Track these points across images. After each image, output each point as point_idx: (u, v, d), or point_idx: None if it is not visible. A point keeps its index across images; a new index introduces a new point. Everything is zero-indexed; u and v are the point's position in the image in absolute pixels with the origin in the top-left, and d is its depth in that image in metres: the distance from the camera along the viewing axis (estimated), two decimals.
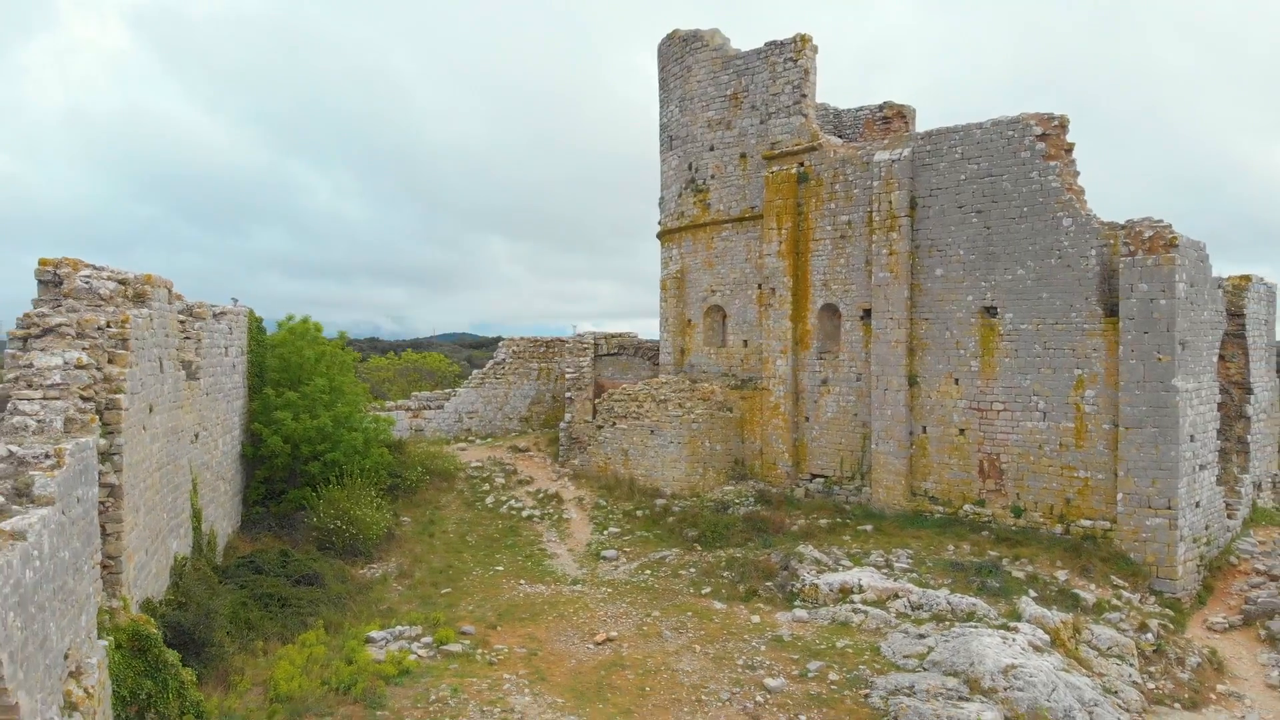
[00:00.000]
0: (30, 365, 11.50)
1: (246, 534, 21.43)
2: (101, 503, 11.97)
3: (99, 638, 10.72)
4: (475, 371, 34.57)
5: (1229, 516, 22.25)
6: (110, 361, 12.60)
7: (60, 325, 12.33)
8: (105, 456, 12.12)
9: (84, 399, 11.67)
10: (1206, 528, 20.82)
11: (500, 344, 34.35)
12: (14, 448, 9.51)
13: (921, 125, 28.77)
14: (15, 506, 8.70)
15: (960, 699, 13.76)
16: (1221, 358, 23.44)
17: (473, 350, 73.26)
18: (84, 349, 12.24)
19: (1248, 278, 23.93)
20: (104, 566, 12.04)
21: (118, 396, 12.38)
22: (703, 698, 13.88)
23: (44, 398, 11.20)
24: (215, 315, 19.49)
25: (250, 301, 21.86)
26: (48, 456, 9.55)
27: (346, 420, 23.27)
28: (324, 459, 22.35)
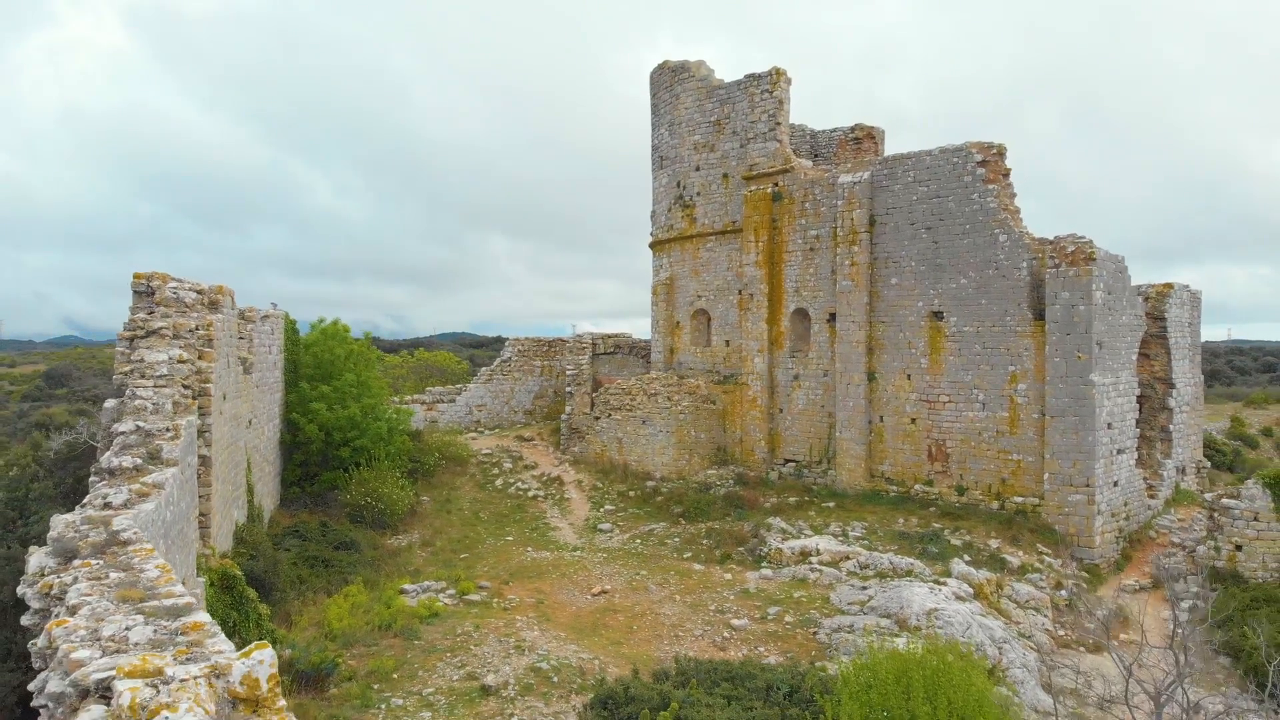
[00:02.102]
0: (142, 360, 14.49)
1: (286, 510, 24.35)
2: (197, 470, 14.97)
3: (198, 575, 13.70)
4: (483, 369, 37.27)
5: (1150, 496, 25.24)
6: (200, 358, 15.61)
7: (161, 328, 15.32)
8: (199, 433, 15.11)
9: (184, 387, 14.66)
10: (1125, 504, 23.82)
11: (506, 343, 37.20)
12: (141, 423, 12.50)
13: (918, 127, 31.98)
14: (150, 466, 11.65)
15: (890, 635, 16.74)
16: (1146, 356, 26.49)
17: (474, 349, 75.73)
18: (180, 347, 15.25)
19: (1170, 285, 26.99)
20: (198, 522, 15.06)
21: (207, 385, 15.40)
22: (680, 634, 16.90)
23: (155, 386, 14.13)
24: (261, 318, 22.47)
25: (250, 300, 24.49)
26: (168, 430, 12.53)
27: (372, 411, 26.13)
28: (353, 445, 25.17)
